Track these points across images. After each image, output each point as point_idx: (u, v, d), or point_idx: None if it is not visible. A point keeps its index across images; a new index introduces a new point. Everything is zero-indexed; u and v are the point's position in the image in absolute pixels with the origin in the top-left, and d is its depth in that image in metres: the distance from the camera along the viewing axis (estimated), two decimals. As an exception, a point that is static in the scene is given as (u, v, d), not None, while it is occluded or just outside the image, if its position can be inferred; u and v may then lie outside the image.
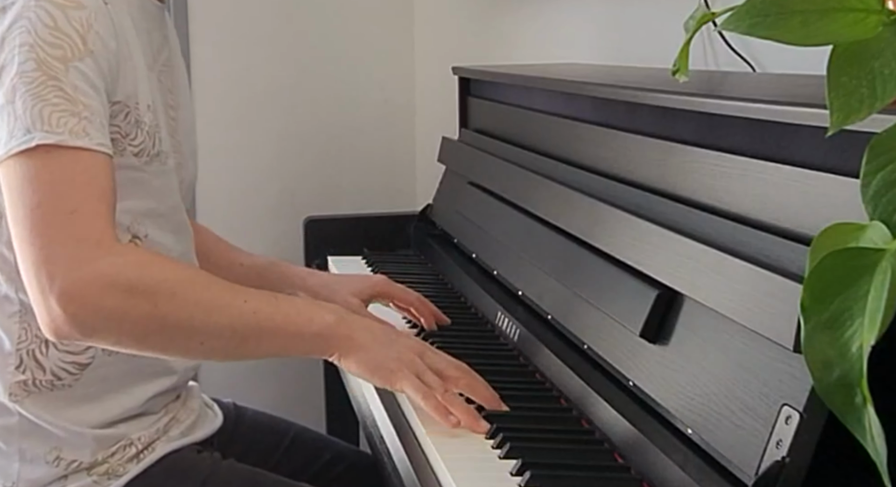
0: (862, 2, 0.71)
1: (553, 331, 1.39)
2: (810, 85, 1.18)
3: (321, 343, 1.23)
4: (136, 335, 1.16)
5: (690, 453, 1.00)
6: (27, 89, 1.15)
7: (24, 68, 1.16)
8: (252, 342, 1.21)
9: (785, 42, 0.73)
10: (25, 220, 1.13)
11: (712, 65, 1.69)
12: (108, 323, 1.13)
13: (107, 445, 1.32)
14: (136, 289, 1.13)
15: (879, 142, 0.67)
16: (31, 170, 1.14)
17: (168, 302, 1.15)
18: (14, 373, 1.29)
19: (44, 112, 1.15)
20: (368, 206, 2.63)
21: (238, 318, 1.18)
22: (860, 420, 0.64)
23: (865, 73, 0.68)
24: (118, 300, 1.12)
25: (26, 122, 1.14)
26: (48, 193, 1.14)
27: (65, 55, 1.18)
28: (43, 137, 1.14)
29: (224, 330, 1.18)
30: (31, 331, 1.28)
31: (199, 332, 1.18)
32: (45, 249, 1.12)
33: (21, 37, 1.17)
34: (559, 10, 2.19)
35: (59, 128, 1.15)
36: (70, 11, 1.19)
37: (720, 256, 1.04)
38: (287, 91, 2.70)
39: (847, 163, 0.93)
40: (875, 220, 0.67)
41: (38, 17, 1.18)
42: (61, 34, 1.18)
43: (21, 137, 1.14)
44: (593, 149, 1.50)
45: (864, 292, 0.65)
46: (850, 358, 0.64)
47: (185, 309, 1.16)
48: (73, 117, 1.16)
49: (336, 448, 1.67)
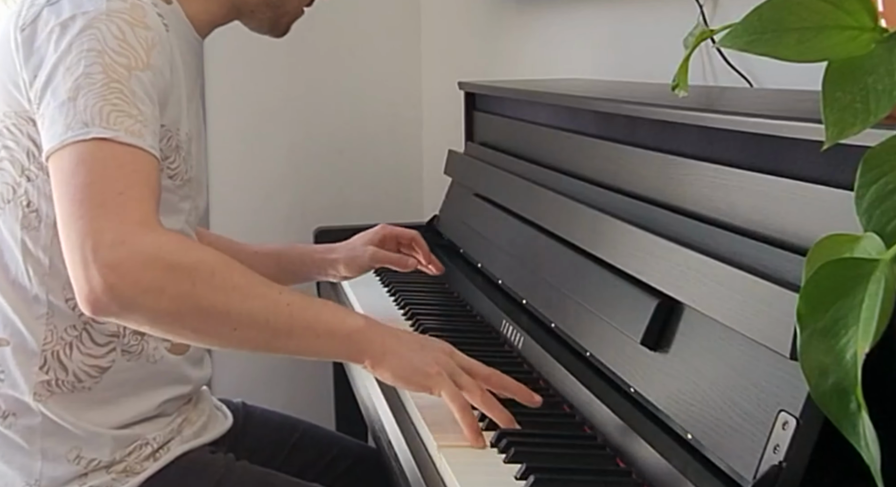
0: (855, 20, 0.71)
1: (556, 339, 1.39)
2: (806, 100, 1.18)
3: (352, 346, 1.21)
4: (172, 313, 1.13)
5: (690, 457, 1.00)
6: (90, 89, 1.18)
7: (89, 70, 1.18)
8: (284, 336, 1.19)
9: (781, 58, 0.73)
10: (75, 196, 1.14)
11: (711, 80, 1.69)
12: (145, 298, 1.11)
13: (124, 445, 1.33)
14: (176, 266, 1.12)
15: (873, 156, 0.67)
16: (83, 155, 1.15)
17: (206, 282, 1.14)
18: (38, 373, 1.30)
19: (104, 110, 1.17)
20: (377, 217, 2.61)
21: (273, 308, 1.17)
22: (855, 426, 0.64)
23: (859, 89, 0.68)
24: (158, 275, 1.11)
25: (85, 118, 1.16)
26: (99, 175, 1.15)
27: (129, 64, 1.21)
28: (100, 132, 1.16)
29: (258, 318, 1.16)
30: (56, 333, 1.30)
31: (233, 318, 1.16)
32: (92, 223, 1.12)
33: (90, 43, 1.20)
34: (562, 28, 2.20)
35: (115, 126, 1.17)
36: (138, 29, 1.23)
37: (719, 266, 1.04)
38: (298, 105, 2.70)
39: (842, 176, 0.93)
40: (869, 232, 0.67)
41: (108, 28, 1.21)
42: (127, 46, 1.21)
43: (78, 129, 1.16)
44: (595, 162, 1.50)
45: (859, 301, 0.65)
46: (845, 366, 0.64)
47: (223, 291, 1.15)
48: (130, 118, 1.18)
49: (343, 443, 1.67)
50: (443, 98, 2.62)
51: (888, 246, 0.65)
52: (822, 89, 0.70)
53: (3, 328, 1.31)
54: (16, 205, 1.29)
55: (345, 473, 1.61)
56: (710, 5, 1.65)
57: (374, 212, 2.69)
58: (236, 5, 1.44)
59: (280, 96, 2.70)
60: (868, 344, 0.63)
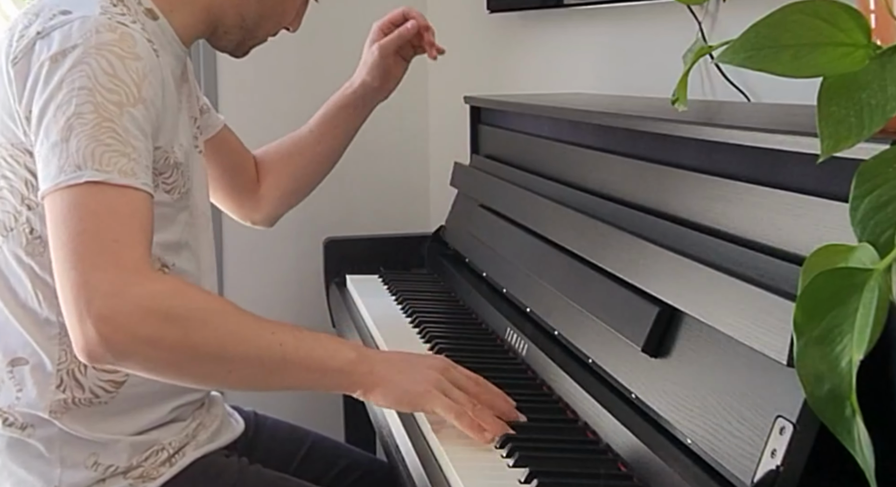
0: (849, 37, 0.71)
1: (560, 346, 1.39)
2: (802, 114, 1.18)
3: (343, 379, 1.21)
4: (169, 362, 1.15)
5: (690, 462, 1.00)
6: (82, 129, 1.16)
7: (81, 110, 1.17)
8: (278, 373, 1.20)
9: (778, 74, 0.73)
10: (68, 245, 1.13)
11: (709, 95, 1.69)
12: (141, 349, 1.13)
13: (140, 450, 1.33)
14: (170, 317, 1.13)
15: (867, 169, 0.67)
16: (76, 200, 1.15)
17: (200, 330, 1.15)
18: (55, 392, 1.30)
19: (96, 152, 1.15)
20: (384, 228, 2.63)
21: (266, 349, 1.18)
22: (850, 432, 0.64)
23: (853, 104, 0.69)
24: (153, 327, 1.12)
25: (78, 160, 1.15)
26: (92, 222, 1.14)
27: (120, 100, 1.19)
28: (92, 175, 1.15)
29: (252, 359, 1.18)
30: (70, 353, 1.27)
31: (228, 361, 1.17)
32: (86, 274, 1.12)
33: (80, 80, 1.18)
34: (564, 44, 2.20)
35: (108, 168, 1.15)
36: (128, 61, 1.21)
37: (717, 275, 1.04)
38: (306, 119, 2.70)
39: (837, 188, 0.93)
40: (863, 242, 0.67)
41: (98, 63, 1.19)
42: (119, 81, 1.19)
43: (70, 173, 1.15)
44: (597, 174, 1.50)
45: (854, 310, 0.65)
46: (840, 372, 0.64)
47: (217, 338, 1.16)
48: (123, 157, 1.17)
49: (352, 456, 1.67)
50: (449, 112, 2.62)
51: (882, 256, 0.65)
52: (818, 104, 0.70)
53: (22, 348, 1.31)
54: (19, 233, 1.29)
55: (354, 484, 1.61)
56: (708, 22, 1.65)
57: (381, 222, 2.69)
58: (213, 23, 1.42)
59: (291, 111, 2.69)
60: (862, 351, 0.63)
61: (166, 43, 1.35)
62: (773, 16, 0.74)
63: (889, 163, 0.67)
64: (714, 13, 1.65)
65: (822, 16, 0.72)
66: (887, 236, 0.66)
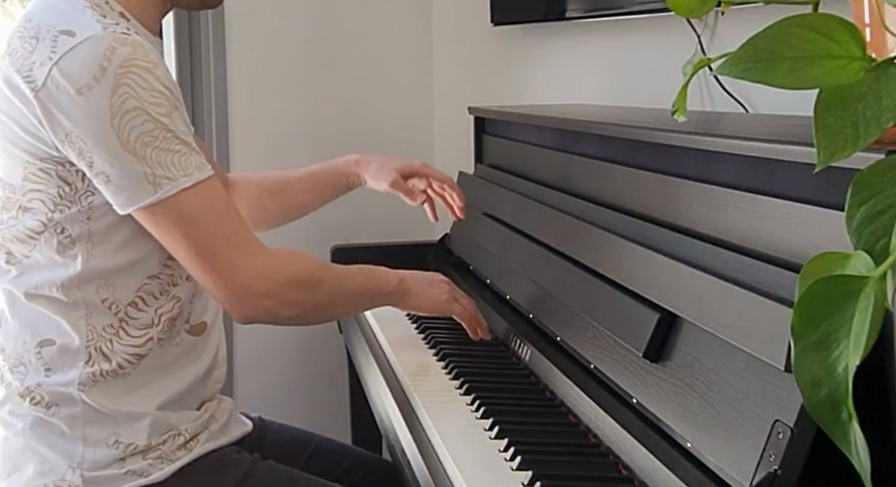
0: (845, 50, 0.71)
1: (562, 352, 1.39)
2: (799, 125, 1.18)
3: (392, 298, 1.56)
4: (299, 314, 1.42)
5: (690, 465, 1.00)
6: (154, 145, 1.26)
7: (143, 129, 1.25)
8: (360, 305, 1.60)
9: (775, 85, 0.73)
10: (203, 251, 1.30)
11: (708, 106, 1.69)
12: (285, 310, 1.38)
13: (159, 432, 1.37)
14: (303, 282, 1.40)
15: (862, 179, 0.67)
16: (181, 209, 1.28)
17: (319, 289, 1.42)
18: (84, 367, 1.35)
19: (174, 160, 1.27)
20: (391, 235, 2.63)
21: (354, 291, 1.51)
22: (846, 436, 0.64)
23: (849, 115, 0.69)
24: (294, 292, 1.38)
25: (166, 173, 1.27)
26: (209, 224, 1.31)
27: (167, 110, 1.27)
28: (185, 181, 1.28)
29: (347, 301, 1.52)
30: (96, 331, 1.36)
31: (335, 306, 1.51)
32: (232, 268, 1.32)
33: (128, 102, 1.24)
34: (566, 56, 2.20)
35: (189, 170, 1.28)
36: (154, 71, 1.27)
37: (717, 282, 1.04)
38: (316, 130, 2.71)
39: (833, 197, 0.93)
40: (859, 250, 0.67)
41: (134, 81, 1.25)
42: (157, 93, 1.26)
43: (166, 186, 1.27)
44: (598, 183, 1.50)
45: (850, 316, 0.65)
46: (836, 378, 0.64)
47: (330, 293, 1.45)
48: (192, 155, 1.29)
49: (357, 455, 1.68)
50: (453, 122, 2.63)
51: (877, 263, 0.65)
52: (814, 115, 0.70)
53: (49, 330, 1.36)
54: (50, 234, 1.33)
55: (358, 483, 1.62)
56: (707, 35, 1.66)
57: (388, 230, 2.69)
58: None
59: (300, 121, 2.71)
60: (858, 357, 0.63)
61: (144, 39, 1.36)
62: (771, 29, 0.74)
63: (884, 173, 0.67)
64: (713, 26, 1.65)
65: (819, 29, 0.72)
66: (882, 244, 0.66)
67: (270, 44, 2.65)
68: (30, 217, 1.33)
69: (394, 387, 1.46)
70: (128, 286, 1.36)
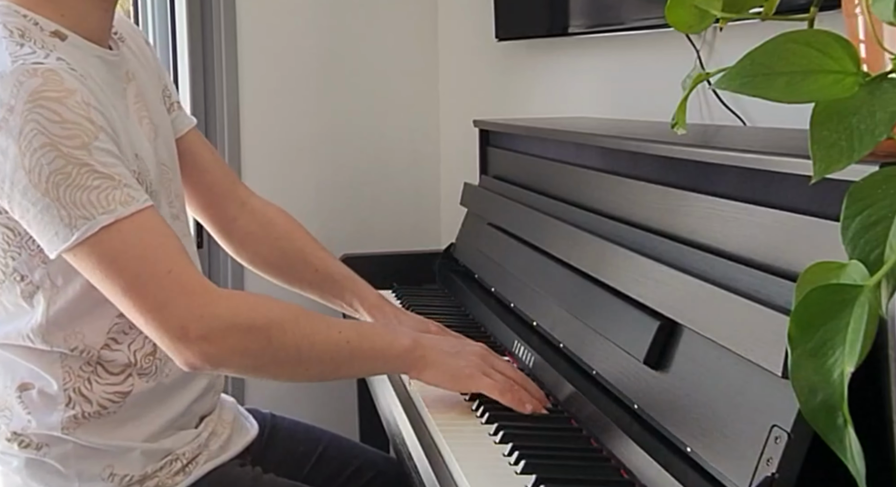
0: (840, 65, 0.71)
1: (565, 358, 1.39)
2: (795, 138, 1.18)
3: (400, 363, 1.31)
4: (255, 365, 1.23)
5: (689, 469, 1.00)
6: (67, 183, 1.14)
7: (54, 167, 1.14)
8: (345, 366, 1.29)
9: (772, 99, 0.73)
10: (131, 292, 1.16)
11: (707, 119, 1.69)
12: (233, 358, 1.20)
13: (155, 459, 1.32)
14: (252, 327, 1.19)
15: (857, 190, 0.67)
16: (107, 251, 1.16)
17: (280, 337, 1.21)
18: (65, 410, 1.30)
19: (90, 197, 1.14)
20: (398, 245, 2.64)
21: (335, 347, 1.25)
22: (842, 440, 0.64)
23: (844, 128, 0.69)
24: (241, 338, 1.19)
25: (80, 212, 1.14)
26: (137, 264, 1.16)
27: (83, 142, 1.15)
28: (104, 219, 1.15)
29: (324, 357, 1.25)
30: (73, 372, 1.29)
31: (304, 361, 1.24)
32: (166, 310, 1.16)
33: (37, 139, 1.13)
34: (569, 70, 2.21)
35: (111, 206, 1.15)
36: (66, 99, 1.16)
37: (715, 291, 1.04)
38: (325, 142, 2.72)
39: (828, 208, 0.93)
40: (854, 259, 0.67)
41: (42, 115, 1.14)
42: (69, 124, 1.15)
43: (82, 226, 1.14)
44: (600, 194, 1.50)
45: (845, 324, 0.65)
46: (832, 384, 0.64)
47: (294, 342, 1.22)
48: (116, 190, 1.16)
49: (366, 455, 1.65)
50: (459, 135, 2.63)
51: (872, 273, 0.65)
52: (810, 128, 0.70)
53: (28, 374, 1.31)
54: (11, 283, 1.28)
55: (367, 484, 1.61)
56: (706, 50, 1.66)
57: (395, 240, 2.69)
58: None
59: (309, 134, 2.71)
60: (854, 363, 0.63)
61: (89, 57, 1.28)
62: (768, 44, 0.74)
63: (878, 184, 0.67)
64: (711, 42, 1.65)
65: (814, 45, 0.72)
66: (876, 254, 0.66)
67: (281, 59, 2.66)
68: None
69: (401, 393, 1.46)
70: (97, 329, 1.28)
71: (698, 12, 0.94)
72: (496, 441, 1.22)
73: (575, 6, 2.08)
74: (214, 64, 2.58)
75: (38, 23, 1.25)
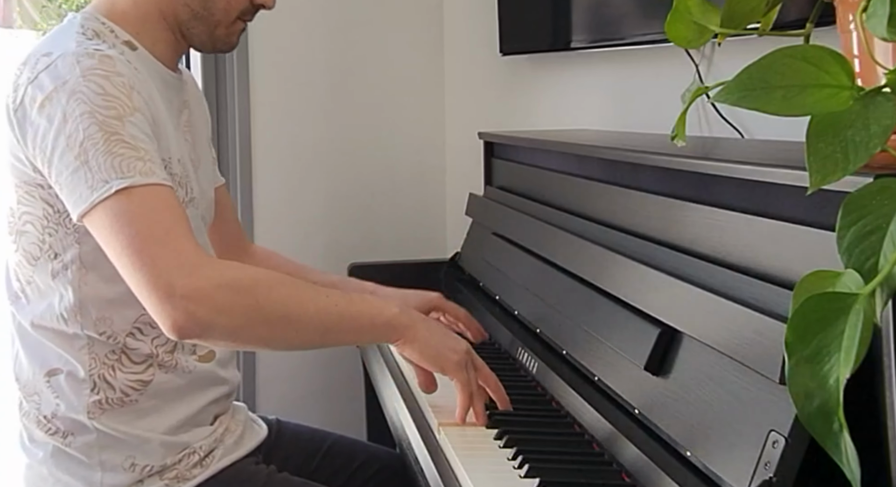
0: (835, 79, 0.71)
1: (567, 365, 1.39)
2: (792, 150, 1.18)
3: (388, 331, 1.28)
4: (243, 326, 1.18)
5: (689, 473, 1.00)
6: (96, 148, 1.18)
7: (89, 132, 1.19)
8: (334, 331, 1.26)
9: (769, 112, 0.74)
10: (128, 249, 1.16)
11: (706, 131, 1.69)
12: (220, 318, 1.15)
13: (174, 452, 1.35)
14: (240, 287, 1.16)
15: (852, 201, 0.68)
16: (115, 210, 1.17)
17: (267, 296, 1.18)
18: (90, 395, 1.33)
19: (114, 163, 1.18)
20: (405, 254, 2.64)
21: (324, 309, 1.22)
22: (838, 445, 0.64)
23: (839, 141, 0.69)
24: (228, 296, 1.15)
25: (102, 175, 1.17)
26: (140, 223, 1.16)
27: (119, 113, 1.21)
28: (119, 183, 1.17)
29: (313, 318, 1.22)
30: (98, 359, 1.33)
31: (293, 322, 1.20)
32: (156, 267, 1.14)
33: (79, 107, 1.20)
34: (572, 84, 2.21)
35: (130, 173, 1.18)
36: (113, 78, 1.23)
37: (714, 299, 1.04)
38: (334, 154, 2.73)
39: (824, 219, 0.93)
40: (849, 269, 0.67)
41: (88, 88, 1.21)
42: (111, 97, 1.21)
43: (101, 188, 1.17)
44: (602, 205, 1.50)
45: (840, 331, 0.65)
46: (828, 390, 0.64)
47: (281, 301, 1.19)
48: (139, 161, 1.19)
49: (371, 450, 1.67)
50: (464, 147, 2.64)
51: (866, 281, 0.65)
52: (806, 140, 0.70)
53: (56, 359, 1.34)
54: (45, 260, 1.32)
55: (373, 477, 1.61)
56: (704, 65, 1.66)
57: (402, 249, 2.70)
58: (176, 27, 1.40)
59: (318, 147, 2.72)
60: (849, 370, 0.63)
61: (150, 68, 1.36)
62: (765, 59, 0.74)
63: (873, 195, 0.67)
64: (710, 56, 1.66)
65: (810, 60, 0.73)
66: (871, 263, 0.66)
67: (291, 74, 2.67)
68: (26, 240, 1.32)
69: (408, 399, 1.46)
70: (125, 317, 1.32)
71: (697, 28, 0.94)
72: (500, 446, 1.22)
73: (577, 22, 2.09)
74: (227, 78, 2.59)
75: (114, 30, 1.35)
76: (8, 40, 11.78)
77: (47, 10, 13.83)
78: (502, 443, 1.22)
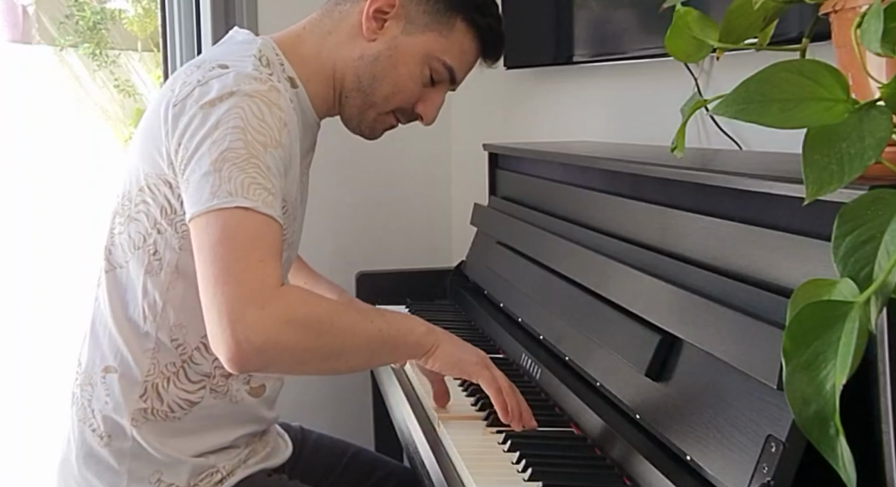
0: (831, 93, 0.71)
1: (570, 371, 1.39)
2: (789, 162, 1.18)
3: (417, 349, 1.30)
4: (303, 361, 1.18)
5: (689, 477, 1.00)
6: (234, 162, 1.18)
7: (234, 145, 1.19)
8: (377, 355, 1.28)
9: (766, 125, 0.74)
10: (220, 262, 1.14)
11: (705, 143, 1.69)
12: (283, 354, 1.14)
13: (198, 472, 1.35)
14: (305, 323, 1.15)
15: (847, 211, 0.68)
16: (228, 222, 1.16)
17: (327, 332, 1.18)
18: (138, 401, 1.33)
19: (245, 182, 1.18)
20: (411, 263, 2.64)
21: (371, 338, 1.23)
22: (834, 449, 0.64)
23: (835, 153, 0.69)
24: (292, 334, 1.13)
25: (230, 188, 1.17)
26: (242, 244, 1.15)
27: (266, 141, 1.21)
28: (242, 202, 1.16)
29: (362, 349, 1.23)
30: (158, 367, 1.32)
31: (345, 353, 1.21)
32: (236, 290, 1.13)
33: (235, 120, 1.20)
34: (574, 97, 2.21)
35: (254, 197, 1.17)
36: (274, 109, 1.24)
37: (714, 306, 1.04)
38: (343, 165, 2.73)
39: (820, 228, 0.93)
40: (845, 277, 0.67)
41: (250, 108, 1.22)
42: (266, 125, 1.22)
43: (224, 198, 1.16)
44: (603, 214, 1.50)
45: (836, 338, 0.65)
46: (824, 395, 0.64)
47: (338, 337, 1.19)
48: (265, 191, 1.19)
49: (387, 467, 1.67)
50: (469, 158, 2.64)
51: (861, 290, 0.65)
52: (803, 152, 0.70)
53: (114, 358, 1.34)
54: (144, 252, 1.32)
55: None
56: (703, 78, 1.66)
57: (409, 258, 2.70)
58: (338, 88, 1.44)
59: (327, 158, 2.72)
60: (845, 376, 0.63)
61: (301, 108, 1.40)
62: (763, 73, 0.74)
63: (867, 206, 0.67)
64: (709, 70, 1.66)
65: (806, 74, 0.73)
66: (866, 272, 0.66)
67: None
68: (134, 228, 1.32)
69: (414, 404, 1.46)
70: (198, 330, 1.30)
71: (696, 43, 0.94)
72: (505, 450, 1.22)
73: (579, 36, 2.09)
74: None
75: (283, 64, 1.39)
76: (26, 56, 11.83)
77: (65, 27, 13.88)
78: (507, 447, 1.22)
